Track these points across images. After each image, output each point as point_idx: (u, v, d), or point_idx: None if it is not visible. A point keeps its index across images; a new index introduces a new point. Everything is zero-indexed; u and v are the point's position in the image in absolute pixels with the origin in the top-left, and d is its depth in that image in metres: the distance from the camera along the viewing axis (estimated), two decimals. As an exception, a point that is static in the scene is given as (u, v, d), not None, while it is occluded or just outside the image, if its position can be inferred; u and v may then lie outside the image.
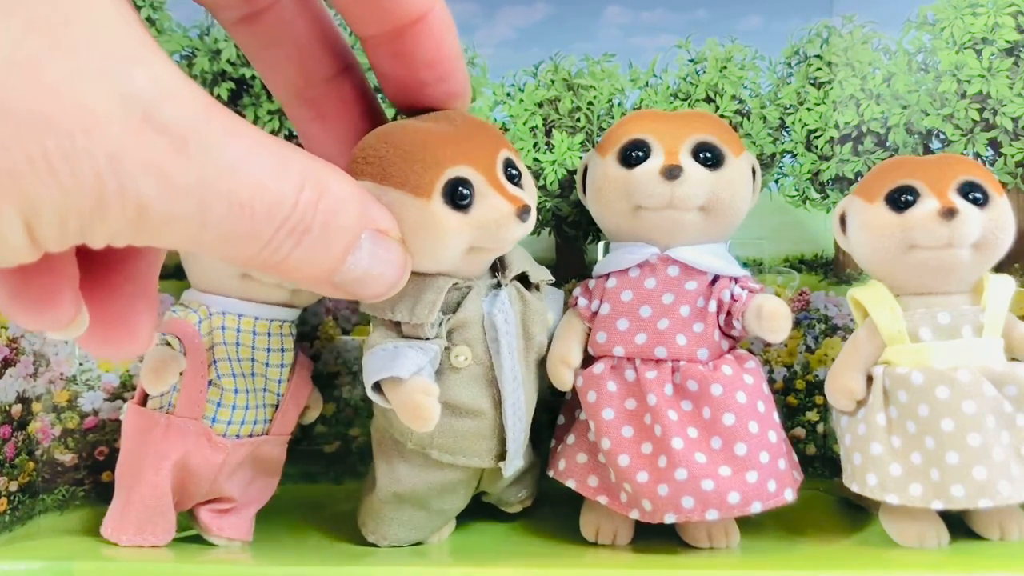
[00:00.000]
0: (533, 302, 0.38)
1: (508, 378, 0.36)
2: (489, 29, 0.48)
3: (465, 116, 0.34)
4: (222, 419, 0.39)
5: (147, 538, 0.38)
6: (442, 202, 0.32)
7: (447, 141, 0.33)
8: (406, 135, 0.33)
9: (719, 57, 0.48)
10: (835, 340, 0.47)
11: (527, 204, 0.33)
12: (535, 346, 0.38)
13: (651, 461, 0.37)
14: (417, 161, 0.32)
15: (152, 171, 0.18)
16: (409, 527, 0.39)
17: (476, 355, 0.36)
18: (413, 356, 0.34)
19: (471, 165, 0.33)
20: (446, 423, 0.36)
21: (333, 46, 0.31)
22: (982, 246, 0.38)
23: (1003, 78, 0.47)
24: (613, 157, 0.39)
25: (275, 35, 0.30)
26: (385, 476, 0.39)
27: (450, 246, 0.33)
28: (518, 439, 0.37)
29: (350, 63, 0.32)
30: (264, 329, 0.40)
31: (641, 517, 0.37)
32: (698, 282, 0.39)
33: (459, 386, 0.36)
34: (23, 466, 0.43)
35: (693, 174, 0.37)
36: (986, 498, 0.36)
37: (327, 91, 0.31)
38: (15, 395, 0.42)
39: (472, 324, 0.36)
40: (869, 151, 0.48)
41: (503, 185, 0.34)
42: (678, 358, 0.38)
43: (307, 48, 0.31)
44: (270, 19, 0.29)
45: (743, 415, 0.37)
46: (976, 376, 0.37)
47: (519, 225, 0.34)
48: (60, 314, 0.20)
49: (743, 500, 0.36)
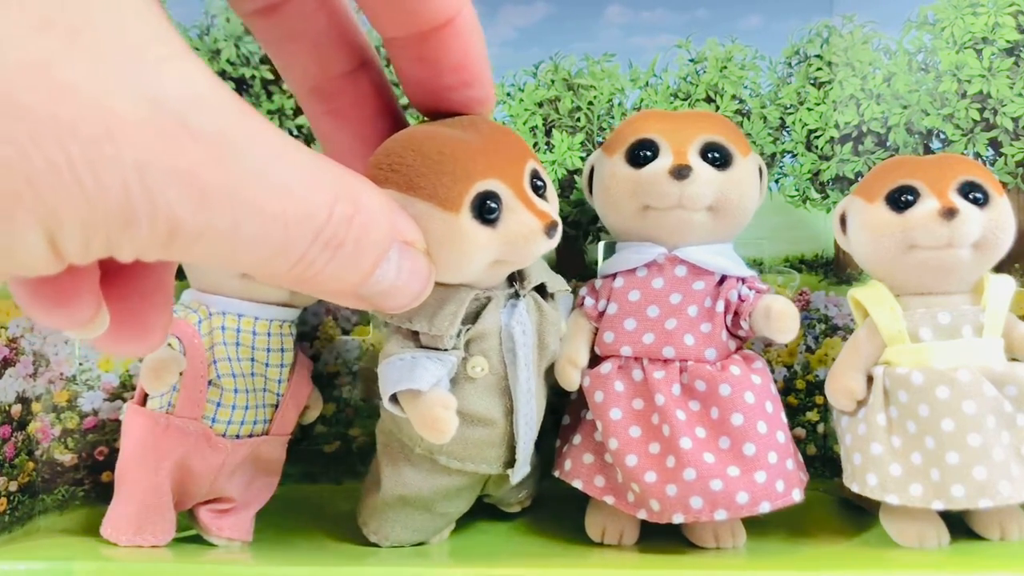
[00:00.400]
0: (549, 312, 0.37)
1: (523, 389, 0.36)
2: (489, 29, 0.48)
3: (491, 124, 0.34)
4: (222, 419, 0.39)
5: (147, 538, 0.38)
6: (471, 216, 0.32)
7: (476, 152, 0.32)
8: (434, 144, 0.31)
9: (719, 57, 0.48)
10: (835, 340, 0.47)
11: (555, 220, 0.33)
12: (548, 355, 0.38)
13: (659, 461, 0.37)
14: (446, 173, 0.31)
15: (185, 181, 0.17)
16: (412, 529, 0.39)
17: (492, 366, 0.36)
18: (432, 368, 0.34)
19: (499, 178, 0.32)
20: (457, 431, 0.35)
21: (351, 41, 0.30)
22: (982, 246, 0.38)
23: (1003, 78, 0.47)
24: (621, 157, 0.39)
25: (292, 28, 0.29)
26: (390, 479, 0.38)
27: (476, 260, 0.32)
28: (527, 447, 0.38)
29: (368, 59, 0.31)
30: (264, 329, 0.40)
31: (649, 517, 0.37)
32: (706, 282, 0.39)
33: (473, 395, 0.36)
34: (23, 466, 0.43)
35: (702, 174, 0.37)
36: (986, 498, 0.36)
37: (343, 86, 0.30)
38: (15, 395, 0.42)
39: (490, 335, 0.36)
40: (869, 151, 0.48)
41: (531, 199, 0.33)
42: (686, 358, 0.38)
43: (325, 42, 0.30)
44: (288, 11, 0.29)
45: (751, 415, 0.37)
46: (976, 376, 0.37)
47: (546, 241, 0.33)
48: (80, 313, 0.20)
49: (752, 500, 0.36)
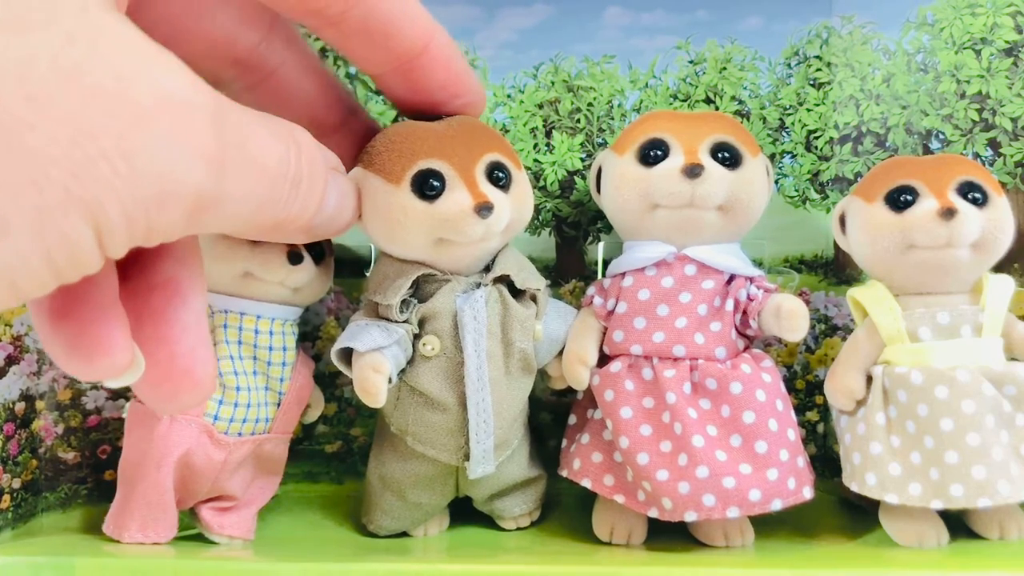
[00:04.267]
0: (515, 308, 0.37)
1: (473, 377, 0.36)
2: (489, 31, 0.48)
3: (469, 120, 0.36)
4: (224, 417, 0.39)
5: (149, 535, 0.38)
6: (410, 191, 0.34)
7: (431, 136, 0.35)
8: (400, 130, 0.35)
9: (719, 58, 0.48)
10: (835, 340, 0.47)
11: (489, 201, 0.34)
12: (516, 352, 0.37)
13: (671, 459, 0.37)
14: (395, 151, 0.34)
15: (200, 154, 0.19)
16: (391, 516, 0.40)
17: (445, 347, 0.36)
18: (376, 334, 0.35)
19: (446, 160, 0.34)
20: (419, 412, 0.37)
21: (337, 95, 0.34)
22: (981, 246, 0.38)
23: (1002, 78, 0.47)
24: (631, 156, 0.39)
25: (281, 96, 0.31)
26: (375, 457, 0.41)
27: (412, 232, 0.34)
28: (484, 443, 0.37)
29: (354, 106, 0.34)
30: (266, 327, 0.40)
31: (660, 516, 0.37)
32: (715, 281, 0.39)
33: (428, 375, 0.37)
34: (26, 463, 0.43)
35: (713, 173, 0.38)
36: (985, 498, 0.35)
37: (339, 140, 0.33)
38: (19, 393, 0.42)
39: (441, 316, 0.36)
40: (869, 151, 0.48)
41: (476, 183, 0.35)
42: (696, 356, 0.38)
43: (313, 103, 0.33)
44: (275, 83, 0.31)
45: (763, 413, 0.37)
46: (975, 376, 0.37)
47: (478, 221, 0.34)
48: (115, 359, 0.20)
49: (764, 498, 0.36)
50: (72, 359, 0.20)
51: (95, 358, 0.20)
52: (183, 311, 0.22)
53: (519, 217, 0.37)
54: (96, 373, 0.21)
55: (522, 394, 0.39)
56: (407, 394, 0.37)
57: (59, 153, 0.17)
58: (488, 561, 0.37)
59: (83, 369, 0.20)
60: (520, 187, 0.37)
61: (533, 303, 0.38)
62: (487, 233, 0.35)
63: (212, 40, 0.29)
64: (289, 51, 0.31)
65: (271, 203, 0.22)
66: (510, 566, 0.37)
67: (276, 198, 0.22)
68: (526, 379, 0.39)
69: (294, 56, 0.32)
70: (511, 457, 0.39)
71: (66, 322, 0.20)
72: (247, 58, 0.30)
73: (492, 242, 0.36)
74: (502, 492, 0.41)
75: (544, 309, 0.39)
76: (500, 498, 0.41)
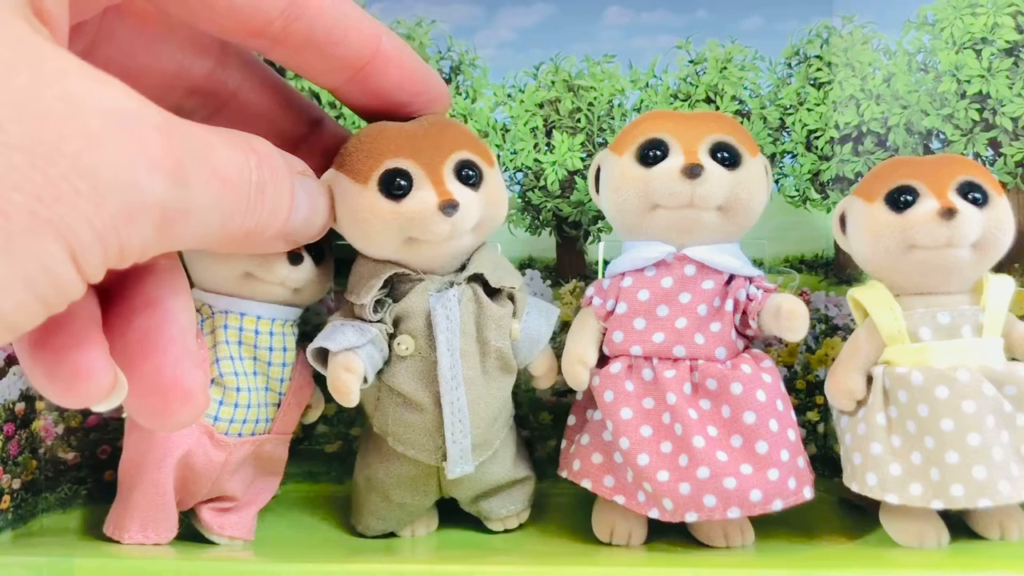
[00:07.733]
0: (490, 306, 0.37)
1: (447, 376, 0.36)
2: (490, 30, 0.48)
3: (441, 119, 0.36)
4: (224, 417, 0.39)
5: (149, 536, 0.38)
6: (377, 191, 0.34)
7: (399, 136, 0.35)
8: (371, 131, 0.35)
9: (719, 58, 0.48)
10: (835, 340, 0.47)
11: (453, 199, 0.34)
12: (492, 351, 0.37)
13: (671, 460, 0.37)
14: (363, 151, 0.35)
15: (157, 166, 0.19)
16: (377, 516, 0.40)
17: (419, 347, 0.37)
18: (350, 333, 0.36)
19: (413, 160, 0.34)
20: (398, 412, 0.37)
21: (299, 107, 0.34)
22: (982, 246, 0.38)
23: (1003, 78, 0.47)
24: (630, 156, 0.39)
25: (245, 116, 0.32)
26: (361, 458, 0.41)
27: (381, 232, 0.35)
28: (461, 443, 0.37)
29: (319, 116, 0.35)
30: (266, 328, 0.40)
31: (661, 516, 0.37)
32: (715, 281, 0.39)
33: (403, 375, 0.37)
34: (26, 464, 0.43)
35: (713, 173, 0.37)
36: (986, 498, 0.35)
37: (307, 149, 0.34)
38: (19, 393, 0.42)
39: (415, 315, 0.36)
40: (869, 151, 0.48)
41: (443, 181, 0.35)
42: (696, 357, 0.38)
43: (277, 118, 0.33)
44: (236, 105, 0.32)
45: (763, 413, 0.37)
46: (976, 376, 0.37)
47: (443, 219, 0.34)
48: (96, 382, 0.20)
49: (765, 498, 0.36)
50: (53, 387, 0.20)
51: (75, 384, 0.20)
52: (167, 326, 0.22)
53: (492, 215, 0.37)
54: (79, 399, 0.21)
55: (501, 393, 0.38)
56: (386, 394, 0.38)
57: (19, 177, 0.17)
58: (490, 562, 0.37)
59: (65, 396, 0.21)
60: (492, 185, 0.36)
61: (510, 302, 0.38)
62: (454, 231, 0.35)
63: (166, 72, 0.30)
64: (244, 72, 0.32)
65: (238, 212, 0.22)
66: (513, 567, 0.36)
67: (242, 207, 0.22)
68: (505, 378, 0.38)
69: (251, 76, 0.32)
70: (494, 458, 0.39)
71: (44, 352, 0.20)
72: (204, 85, 0.31)
73: (464, 240, 0.36)
74: (487, 493, 0.40)
75: (522, 308, 0.39)
76: (486, 499, 0.41)
